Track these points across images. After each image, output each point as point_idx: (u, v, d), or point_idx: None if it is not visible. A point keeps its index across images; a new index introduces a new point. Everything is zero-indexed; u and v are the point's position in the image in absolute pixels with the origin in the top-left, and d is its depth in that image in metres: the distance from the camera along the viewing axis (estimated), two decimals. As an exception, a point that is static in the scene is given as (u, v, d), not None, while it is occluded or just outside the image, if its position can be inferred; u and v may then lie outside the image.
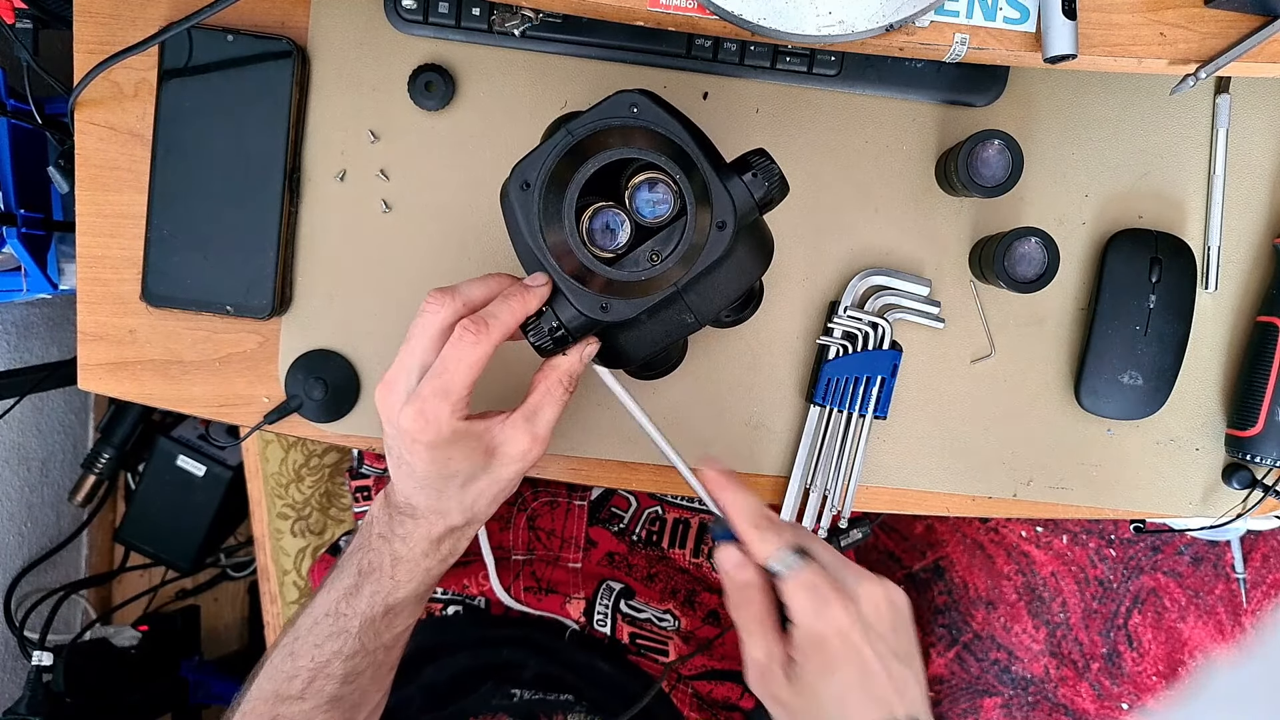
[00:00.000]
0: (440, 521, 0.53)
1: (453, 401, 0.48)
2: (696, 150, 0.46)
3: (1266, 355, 0.64)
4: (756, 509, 0.49)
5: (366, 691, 0.57)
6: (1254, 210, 0.67)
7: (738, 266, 0.49)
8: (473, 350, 0.47)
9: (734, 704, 0.79)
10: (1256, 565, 1.04)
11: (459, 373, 0.47)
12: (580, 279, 0.47)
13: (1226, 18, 0.52)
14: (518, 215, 0.46)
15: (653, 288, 0.47)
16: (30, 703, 1.06)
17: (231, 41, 0.63)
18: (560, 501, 0.83)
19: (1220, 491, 0.69)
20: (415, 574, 0.54)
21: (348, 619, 0.54)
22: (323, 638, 0.55)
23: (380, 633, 0.55)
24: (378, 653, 0.56)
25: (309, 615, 0.56)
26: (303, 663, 0.55)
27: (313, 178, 0.65)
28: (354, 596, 0.55)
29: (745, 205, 0.46)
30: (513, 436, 0.51)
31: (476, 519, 0.54)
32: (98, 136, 0.64)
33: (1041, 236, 0.61)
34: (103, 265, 0.65)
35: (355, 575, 0.55)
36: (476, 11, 0.63)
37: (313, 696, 0.55)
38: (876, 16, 0.50)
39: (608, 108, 0.46)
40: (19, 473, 1.19)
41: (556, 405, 0.52)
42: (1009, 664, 1.06)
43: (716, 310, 0.50)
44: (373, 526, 0.55)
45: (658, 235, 0.47)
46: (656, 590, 0.81)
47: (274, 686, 0.55)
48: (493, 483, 0.52)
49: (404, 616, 0.56)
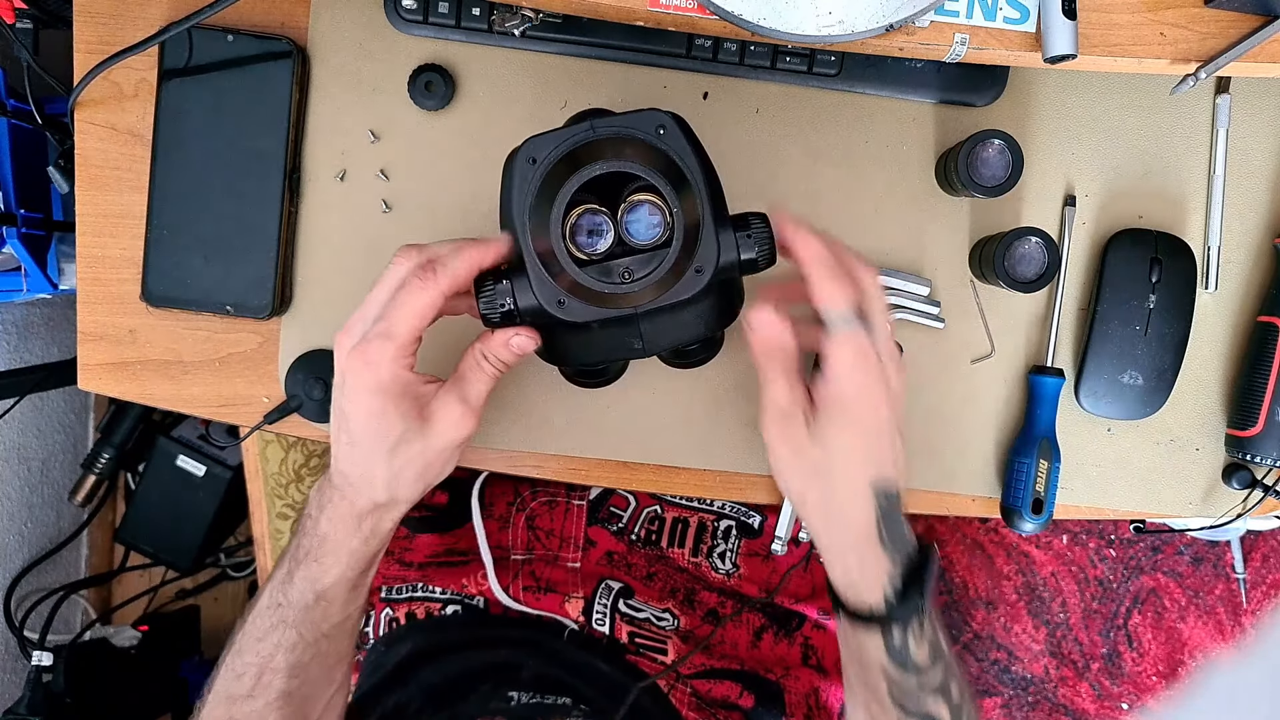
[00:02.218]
0: (366, 494, 0.52)
1: (396, 345, 0.48)
2: (704, 192, 0.46)
3: (1267, 355, 0.64)
4: (830, 257, 0.50)
5: (317, 684, 0.56)
6: (1254, 210, 0.67)
7: (700, 314, 0.49)
8: (420, 295, 0.47)
9: (733, 703, 0.79)
10: (1256, 565, 1.04)
11: (404, 317, 0.47)
12: (549, 269, 0.46)
13: (1226, 18, 0.52)
14: (514, 185, 0.46)
15: (614, 302, 0.47)
16: (30, 703, 1.06)
17: (231, 41, 0.63)
18: (559, 501, 0.83)
19: (1220, 491, 0.69)
20: (340, 555, 0.53)
21: (284, 609, 0.54)
22: (264, 630, 0.54)
23: (317, 622, 0.54)
24: (320, 643, 0.55)
25: (254, 609, 0.56)
26: (249, 659, 0.55)
27: (313, 178, 0.65)
28: (288, 584, 0.54)
29: (729, 260, 0.47)
30: (445, 402, 0.51)
31: (399, 497, 0.53)
32: (98, 136, 0.64)
33: (1041, 236, 0.61)
34: (103, 265, 0.65)
35: (290, 562, 0.55)
36: (476, 11, 0.63)
37: (261, 693, 0.54)
38: (876, 16, 0.50)
39: (637, 119, 0.46)
40: (19, 473, 1.19)
41: (484, 379, 0.52)
42: (1009, 664, 1.06)
43: (664, 346, 0.50)
44: (307, 508, 0.55)
45: (637, 255, 0.46)
46: (655, 589, 0.81)
47: (225, 686, 0.55)
48: (422, 452, 0.51)
49: (338, 605, 0.55)
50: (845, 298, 0.49)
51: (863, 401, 0.49)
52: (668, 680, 0.77)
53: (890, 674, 0.52)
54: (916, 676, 0.51)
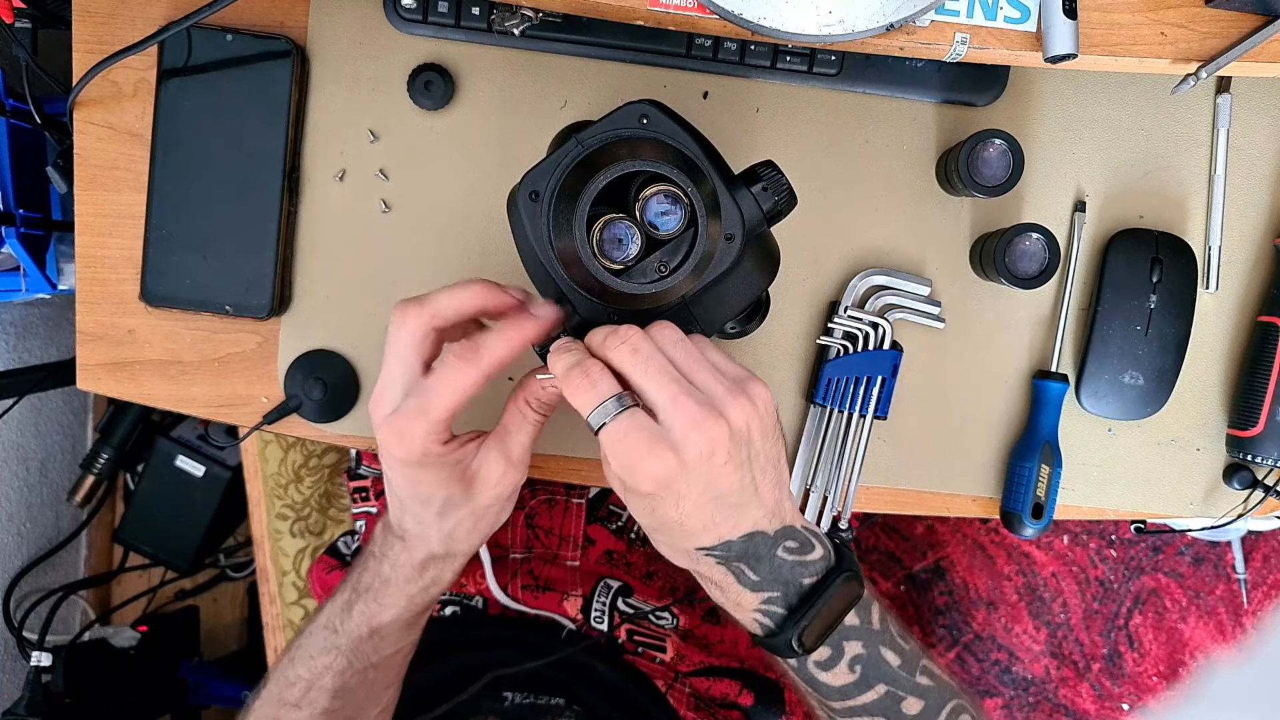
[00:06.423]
0: (422, 548, 0.52)
1: (429, 422, 0.46)
2: (706, 162, 0.46)
3: (1267, 355, 0.64)
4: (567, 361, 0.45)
5: (361, 706, 0.57)
6: (1255, 210, 0.67)
7: (744, 278, 0.48)
8: (458, 375, 0.46)
9: (733, 701, 0.79)
10: (1257, 566, 1.04)
11: (441, 396, 0.46)
12: (588, 289, 0.46)
13: (1227, 17, 0.52)
14: (525, 224, 0.46)
15: (660, 299, 0.46)
16: (29, 703, 1.06)
17: (231, 41, 0.62)
18: (558, 500, 0.83)
19: (1221, 492, 0.69)
20: (399, 599, 0.54)
21: (338, 636, 0.55)
22: (318, 650, 0.55)
23: (368, 654, 0.55)
24: (368, 671, 0.56)
25: (313, 624, 0.57)
26: (300, 671, 0.56)
27: (312, 177, 0.65)
28: (347, 613, 0.55)
29: (754, 218, 0.46)
30: (487, 460, 0.50)
31: (456, 551, 0.53)
32: (96, 136, 0.64)
33: (1042, 233, 0.61)
34: (102, 265, 0.65)
35: (350, 591, 0.55)
36: (476, 11, 0.63)
37: (307, 706, 0.55)
38: (877, 16, 0.50)
39: (618, 118, 0.46)
40: (18, 473, 1.19)
41: (528, 429, 0.50)
42: (1010, 664, 1.06)
43: (722, 321, 0.49)
44: (372, 545, 0.56)
45: (666, 246, 0.46)
46: (655, 588, 0.81)
47: (278, 690, 0.56)
48: (471, 512, 0.51)
49: (391, 640, 0.56)
50: (588, 400, 0.44)
51: (651, 495, 0.44)
52: (666, 679, 0.77)
53: (808, 695, 0.52)
54: (840, 700, 0.50)
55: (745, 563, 0.47)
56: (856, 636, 0.50)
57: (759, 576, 0.47)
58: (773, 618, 0.48)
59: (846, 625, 0.49)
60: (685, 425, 0.42)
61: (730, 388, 0.44)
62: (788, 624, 0.47)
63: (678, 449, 0.43)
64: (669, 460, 0.42)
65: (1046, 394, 0.65)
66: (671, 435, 0.43)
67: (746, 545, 0.47)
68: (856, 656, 0.49)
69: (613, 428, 0.43)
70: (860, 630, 0.50)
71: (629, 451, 0.43)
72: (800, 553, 0.48)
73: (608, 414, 0.43)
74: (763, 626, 0.49)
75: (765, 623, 0.48)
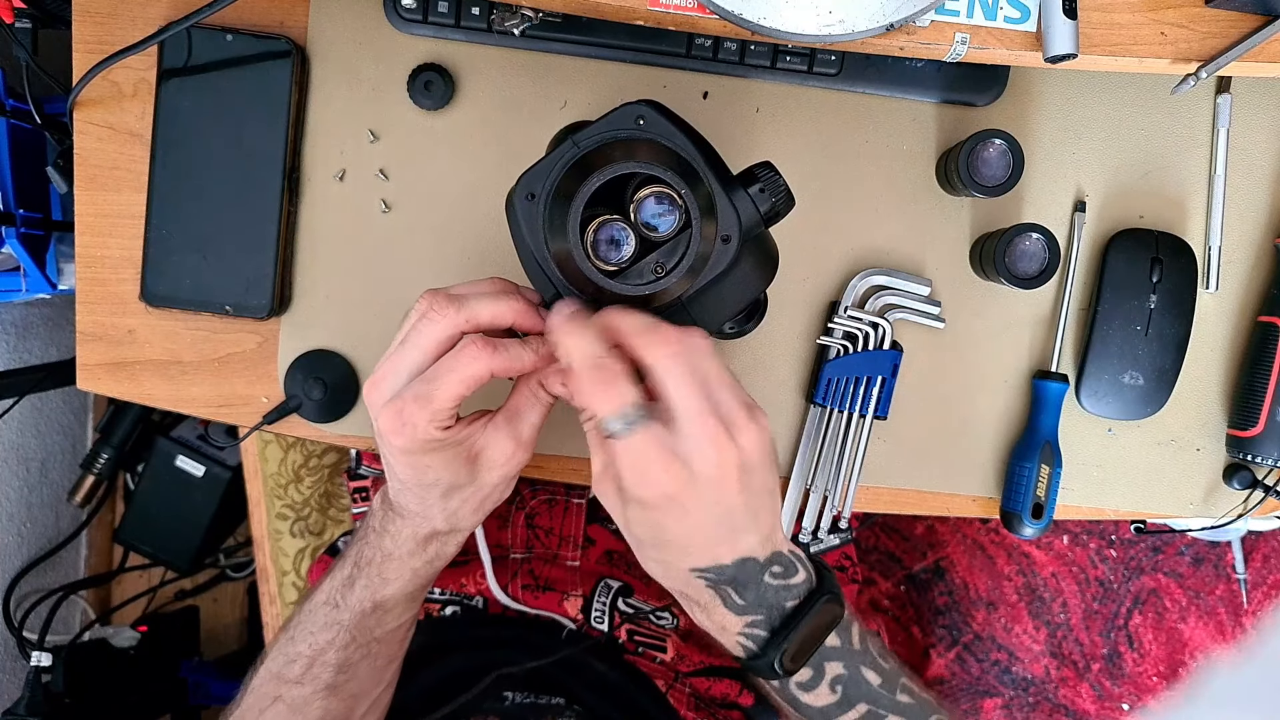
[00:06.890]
0: (425, 524, 0.52)
1: (433, 410, 0.45)
2: (702, 163, 0.46)
3: (1267, 355, 0.64)
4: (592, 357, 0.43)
5: (364, 683, 0.57)
6: (1255, 210, 0.67)
7: (742, 279, 0.48)
8: (471, 365, 0.44)
9: (733, 701, 0.79)
10: (1257, 566, 1.04)
11: (448, 383, 0.44)
12: (584, 290, 0.46)
13: (1227, 17, 0.52)
14: (522, 225, 0.46)
15: (656, 301, 0.46)
16: (29, 703, 1.06)
17: (231, 41, 0.62)
18: (559, 499, 0.83)
19: (1221, 492, 0.69)
20: (403, 573, 0.54)
21: (340, 610, 0.55)
22: (319, 626, 0.55)
23: (371, 628, 0.55)
24: (371, 645, 0.56)
25: (312, 600, 0.56)
26: (301, 648, 0.55)
27: (312, 177, 0.65)
28: (349, 588, 0.55)
29: (751, 219, 0.46)
30: (494, 440, 0.49)
31: (461, 527, 0.53)
32: (96, 136, 0.64)
33: (1042, 233, 0.61)
34: (102, 265, 0.65)
35: (352, 566, 0.55)
36: (476, 11, 0.63)
37: (310, 682, 0.55)
38: (877, 16, 0.50)
39: (614, 119, 0.46)
40: (18, 473, 1.19)
41: (538, 410, 0.50)
42: (1009, 665, 1.06)
43: (719, 323, 0.49)
44: (371, 519, 0.55)
45: (662, 248, 0.46)
46: (655, 587, 0.81)
47: (277, 667, 0.56)
48: (476, 491, 0.51)
49: (395, 614, 0.56)
50: (611, 405, 0.42)
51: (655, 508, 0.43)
52: (666, 679, 0.77)
53: (791, 716, 0.52)
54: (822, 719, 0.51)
55: (734, 587, 0.47)
56: (837, 657, 0.50)
57: (745, 601, 0.48)
58: (755, 640, 0.48)
59: (827, 646, 0.49)
60: (705, 442, 0.42)
61: (746, 413, 0.44)
62: (770, 646, 0.48)
63: (690, 463, 0.42)
64: (681, 473, 0.42)
65: (1046, 394, 0.65)
66: (686, 447, 0.42)
67: (738, 570, 0.47)
68: (838, 677, 0.50)
69: (632, 439, 0.42)
70: (841, 651, 0.50)
71: (643, 462, 0.42)
72: (784, 576, 0.48)
73: (628, 421, 0.42)
74: (745, 649, 0.49)
75: (748, 645, 0.49)
